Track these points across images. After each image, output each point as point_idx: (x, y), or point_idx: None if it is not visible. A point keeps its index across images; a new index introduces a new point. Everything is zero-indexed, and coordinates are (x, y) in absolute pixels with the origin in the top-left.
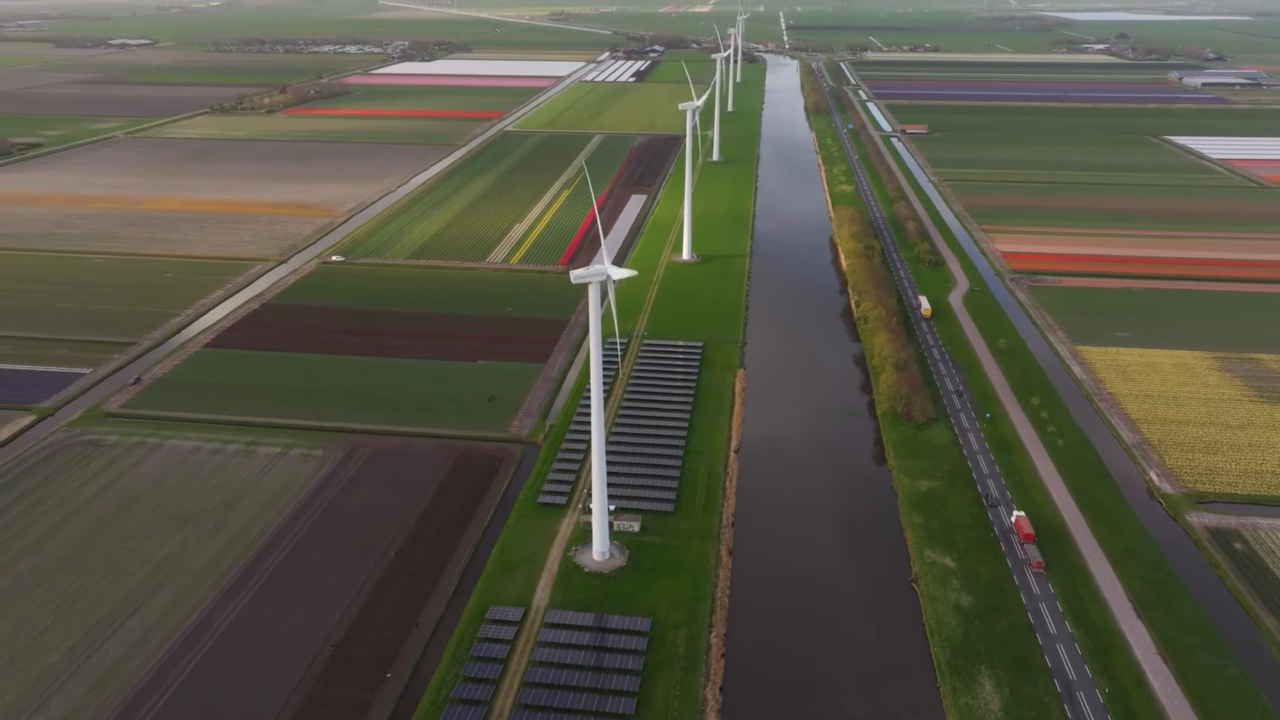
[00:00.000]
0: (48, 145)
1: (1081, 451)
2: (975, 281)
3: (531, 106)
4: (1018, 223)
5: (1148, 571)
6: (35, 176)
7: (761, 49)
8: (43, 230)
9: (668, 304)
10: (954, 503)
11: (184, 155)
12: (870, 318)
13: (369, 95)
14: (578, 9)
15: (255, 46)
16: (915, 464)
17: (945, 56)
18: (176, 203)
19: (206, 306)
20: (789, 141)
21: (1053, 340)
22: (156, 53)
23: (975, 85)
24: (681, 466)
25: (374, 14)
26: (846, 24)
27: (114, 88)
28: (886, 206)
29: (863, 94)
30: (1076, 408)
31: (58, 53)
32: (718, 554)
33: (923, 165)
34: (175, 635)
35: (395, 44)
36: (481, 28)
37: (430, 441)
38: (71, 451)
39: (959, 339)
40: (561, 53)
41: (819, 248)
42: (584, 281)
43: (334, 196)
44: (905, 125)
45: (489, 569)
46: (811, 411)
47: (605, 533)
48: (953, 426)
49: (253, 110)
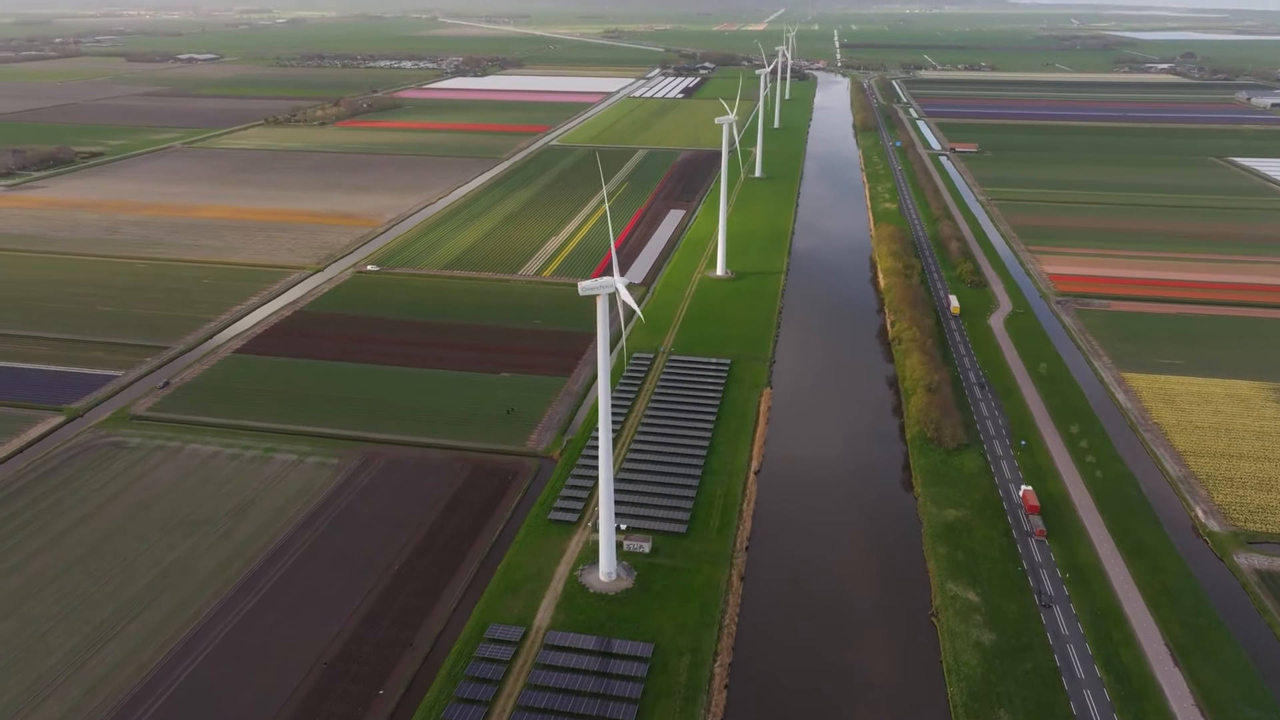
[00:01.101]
0: (109, 154)
1: (1122, 484)
2: (1018, 303)
3: (578, 122)
4: (1067, 244)
5: (1188, 615)
6: (93, 184)
7: (813, 67)
8: (94, 236)
9: (697, 320)
10: (981, 534)
11: (235, 165)
12: (904, 338)
13: (419, 109)
14: (632, 27)
15: (315, 61)
16: (943, 491)
17: (1001, 75)
18: (223, 211)
19: (241, 313)
20: (834, 158)
21: (1097, 366)
22: (220, 67)
23: (1030, 104)
24: (698, 486)
25: (433, 31)
26: (901, 43)
27: (176, 100)
28: (930, 225)
29: (913, 112)
30: (1119, 438)
31: (128, 67)
32: (729, 579)
33: (971, 184)
34: (173, 642)
35: (449, 60)
36: (535, 45)
37: (446, 453)
38: (95, 453)
39: (997, 362)
40: (612, 69)
41: (858, 266)
42: (592, 294)
43: (375, 207)
44: (955, 144)
45: (492, 586)
46: (838, 433)
47: (612, 553)
48: (985, 453)
49: (305, 122)
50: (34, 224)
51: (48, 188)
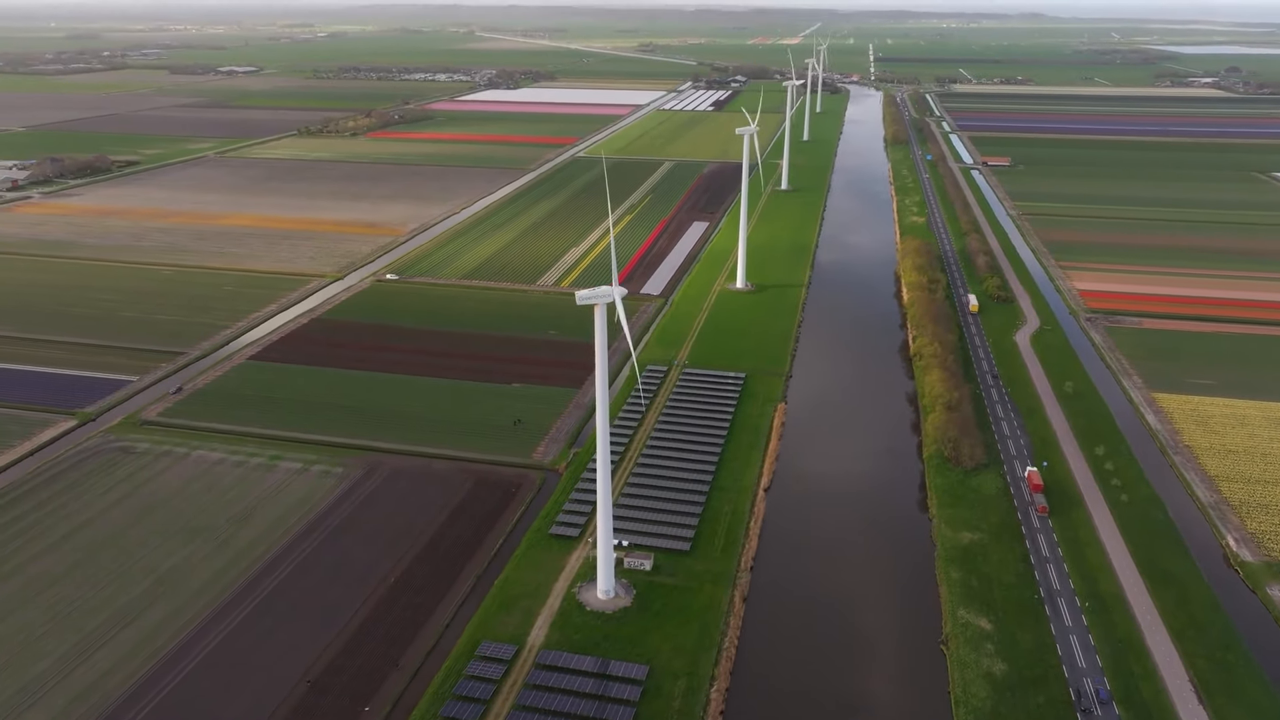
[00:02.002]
0: (144, 163)
1: (1149, 509)
2: (1046, 320)
3: (606, 133)
4: (1099, 260)
5: (1215, 650)
6: (126, 191)
7: (846, 80)
8: (122, 242)
9: (714, 332)
10: (997, 558)
11: (265, 175)
12: (925, 354)
13: (450, 121)
14: (666, 41)
15: (351, 74)
16: (959, 513)
17: (1036, 89)
18: (249, 219)
19: (258, 320)
20: (863, 172)
21: (1126, 385)
22: (259, 79)
23: (1066, 118)
24: (705, 503)
25: (470, 45)
26: (936, 57)
27: (214, 111)
28: (958, 239)
29: (946, 125)
30: (1147, 460)
31: (170, 79)
32: (731, 600)
33: (1002, 198)
34: (162, 652)
35: (483, 73)
36: (569, 58)
37: (451, 463)
38: (102, 457)
39: (1022, 380)
40: (643, 82)
41: (882, 280)
42: (589, 304)
43: (399, 216)
44: (987, 157)
45: (488, 601)
46: (852, 451)
47: (610, 570)
48: (1004, 474)
49: (337, 133)
50: (66, 230)
51: (83, 195)
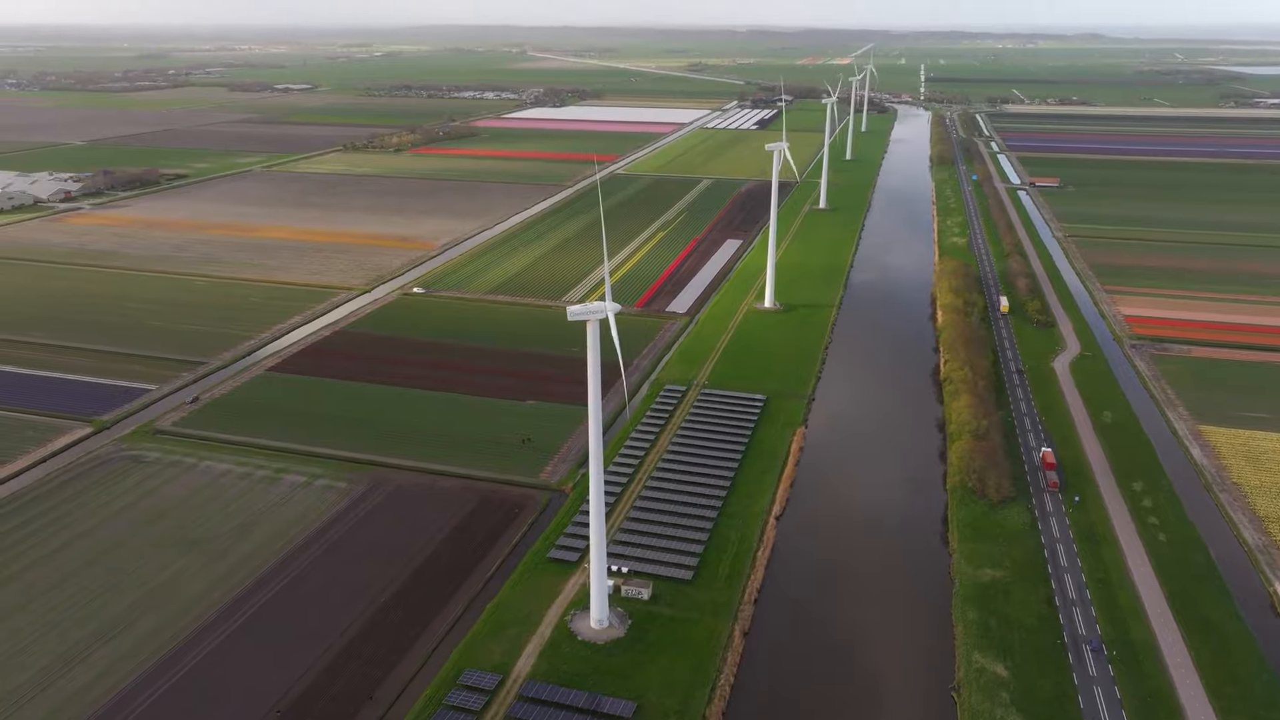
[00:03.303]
0: (193, 176)
1: (1189, 550)
2: (1087, 345)
3: (647, 151)
4: (1148, 284)
5: (1258, 707)
6: (171, 204)
7: (895, 100)
8: (161, 253)
9: (738, 352)
10: (1019, 598)
11: (306, 189)
12: (954, 379)
13: (493, 137)
14: (716, 61)
15: (402, 92)
16: (981, 548)
17: (1091, 110)
18: (286, 232)
19: (282, 331)
20: (905, 191)
21: (1171, 417)
22: (313, 96)
23: (1120, 139)
24: (712, 530)
25: (521, 64)
26: (990, 77)
27: (266, 127)
28: (999, 261)
29: (994, 145)
30: (1190, 498)
31: (229, 96)
32: (730, 634)
33: (1048, 220)
34: (142, 667)
35: (530, 91)
36: (617, 78)
37: (456, 481)
38: (112, 466)
39: (1057, 408)
40: (689, 101)
41: (917, 302)
42: (581, 320)
43: (432, 231)
44: (1035, 178)
45: (477, 627)
46: (872, 479)
47: (604, 598)
48: (1032, 508)
49: (381, 149)
50: (110, 240)
51: (130, 206)
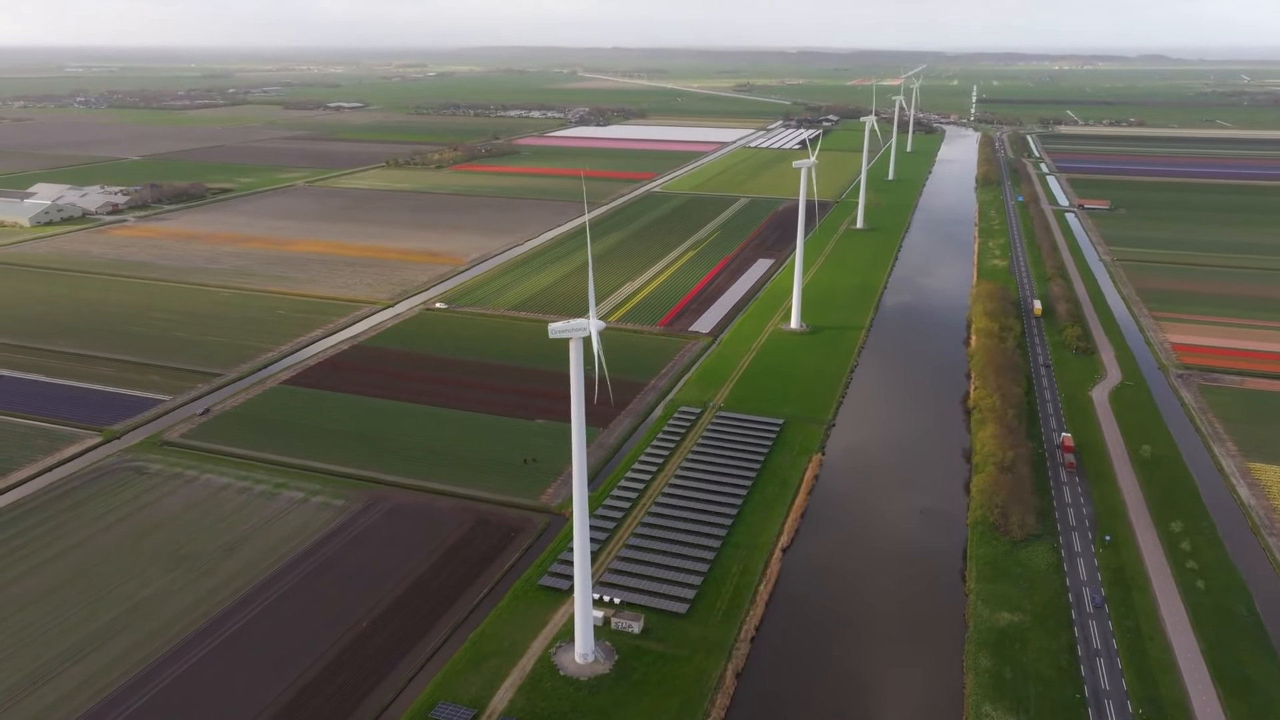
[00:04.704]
0: (237, 190)
1: (1229, 599)
2: (1129, 374)
3: (686, 170)
4: (1200, 310)
5: None
6: (212, 217)
7: (944, 121)
8: (196, 265)
9: (759, 374)
10: (1038, 646)
11: (345, 204)
12: (982, 407)
13: (535, 155)
14: (764, 81)
15: (450, 110)
16: (1000, 590)
17: (1148, 131)
18: (319, 246)
19: (302, 344)
20: (948, 212)
21: (1217, 452)
22: (364, 114)
23: (1177, 160)
24: (713, 560)
25: (571, 84)
26: (1043, 99)
27: (314, 143)
28: (1040, 284)
29: (1044, 166)
30: (1234, 541)
31: (283, 114)
32: (722, 674)
33: (1095, 243)
34: (111, 688)
35: (575, 110)
36: (663, 97)
37: (455, 501)
38: (114, 477)
39: (1093, 441)
40: (733, 121)
41: (952, 326)
42: (562, 336)
43: (463, 246)
44: (1084, 200)
45: (457, 657)
46: (889, 510)
47: (589, 632)
48: (1059, 548)
49: (423, 165)
50: (149, 252)
51: (173, 219)
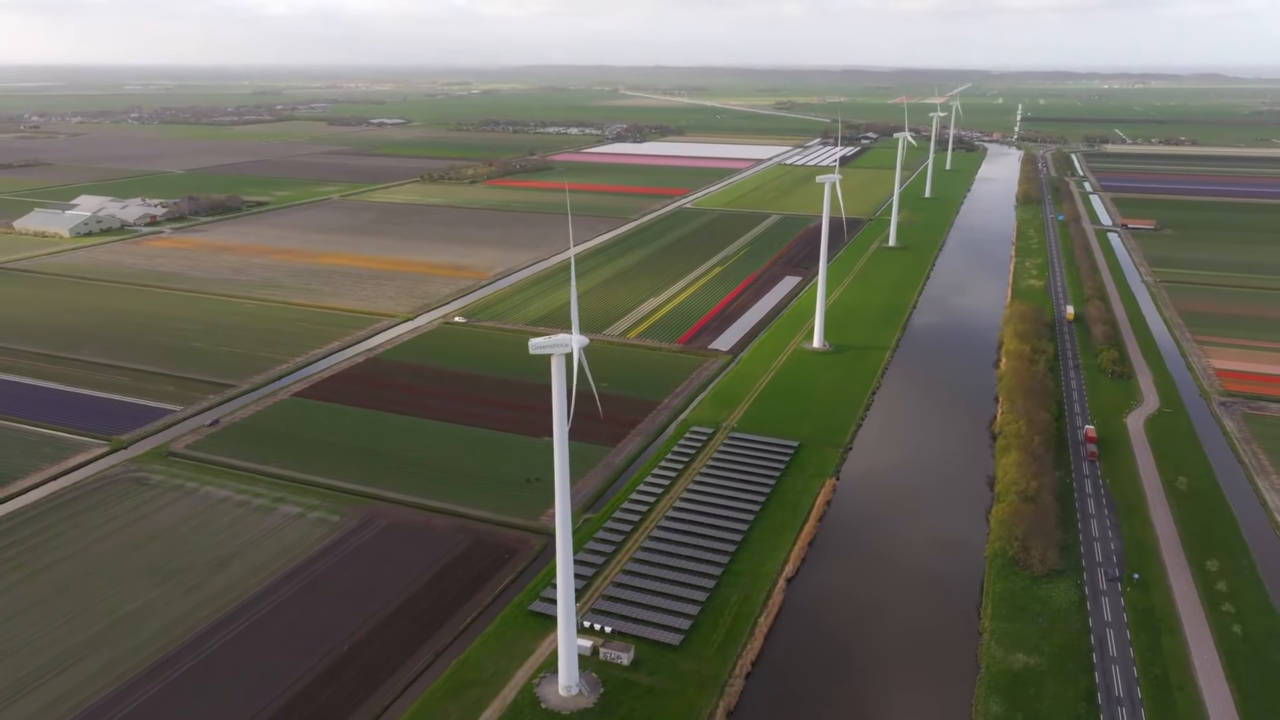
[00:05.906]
0: (273, 203)
1: (1269, 646)
2: (1168, 401)
3: (719, 186)
4: (1247, 335)
5: None
6: (245, 229)
7: (986, 139)
8: (223, 276)
9: (777, 394)
10: (1054, 692)
11: (375, 217)
12: (1007, 432)
13: (569, 171)
14: (805, 99)
15: (490, 127)
16: (1016, 629)
17: (1199, 150)
18: (345, 258)
19: (318, 356)
20: (985, 231)
21: (1261, 486)
22: (405, 130)
23: (1229, 180)
24: (713, 589)
25: (612, 102)
26: (1091, 117)
27: (354, 158)
28: (1077, 306)
29: (1087, 185)
30: (1276, 581)
31: (327, 129)
32: (713, 712)
33: (1138, 264)
34: (85, 705)
35: (612, 127)
36: (702, 114)
37: (453, 520)
38: (115, 487)
39: (1125, 471)
40: (771, 138)
41: (982, 347)
42: (544, 353)
43: (488, 261)
44: (1127, 219)
45: (436, 685)
46: (903, 541)
47: (573, 662)
48: (1082, 585)
49: (457, 180)
50: (179, 262)
51: (207, 231)
